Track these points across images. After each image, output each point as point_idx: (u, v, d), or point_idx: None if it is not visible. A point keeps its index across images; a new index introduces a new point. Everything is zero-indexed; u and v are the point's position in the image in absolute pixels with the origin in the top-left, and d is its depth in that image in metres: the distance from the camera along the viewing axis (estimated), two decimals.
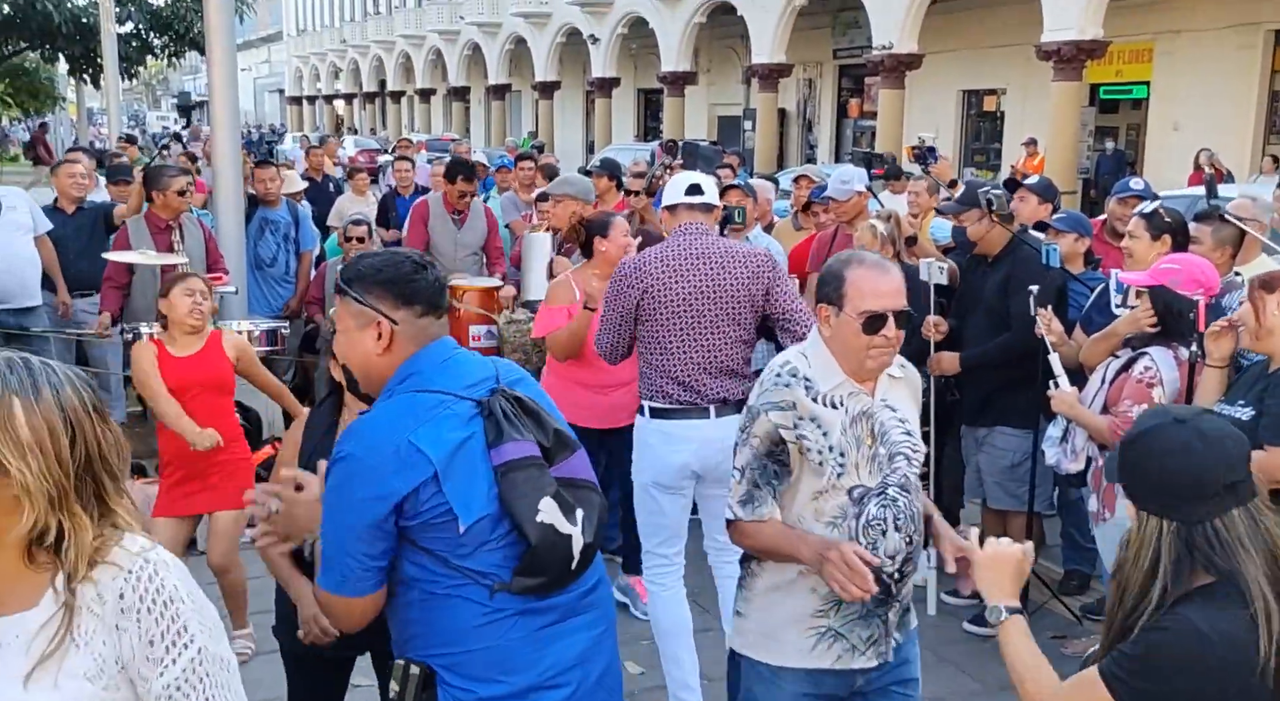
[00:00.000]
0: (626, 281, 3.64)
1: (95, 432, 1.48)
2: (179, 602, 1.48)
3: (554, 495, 2.04)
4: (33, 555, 1.47)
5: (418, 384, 2.08)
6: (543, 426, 2.10)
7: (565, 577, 2.09)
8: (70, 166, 6.99)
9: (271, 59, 65.13)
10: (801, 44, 25.48)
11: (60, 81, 27.81)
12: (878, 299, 2.37)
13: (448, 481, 1.99)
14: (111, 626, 1.46)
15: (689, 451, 3.62)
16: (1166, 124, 19.70)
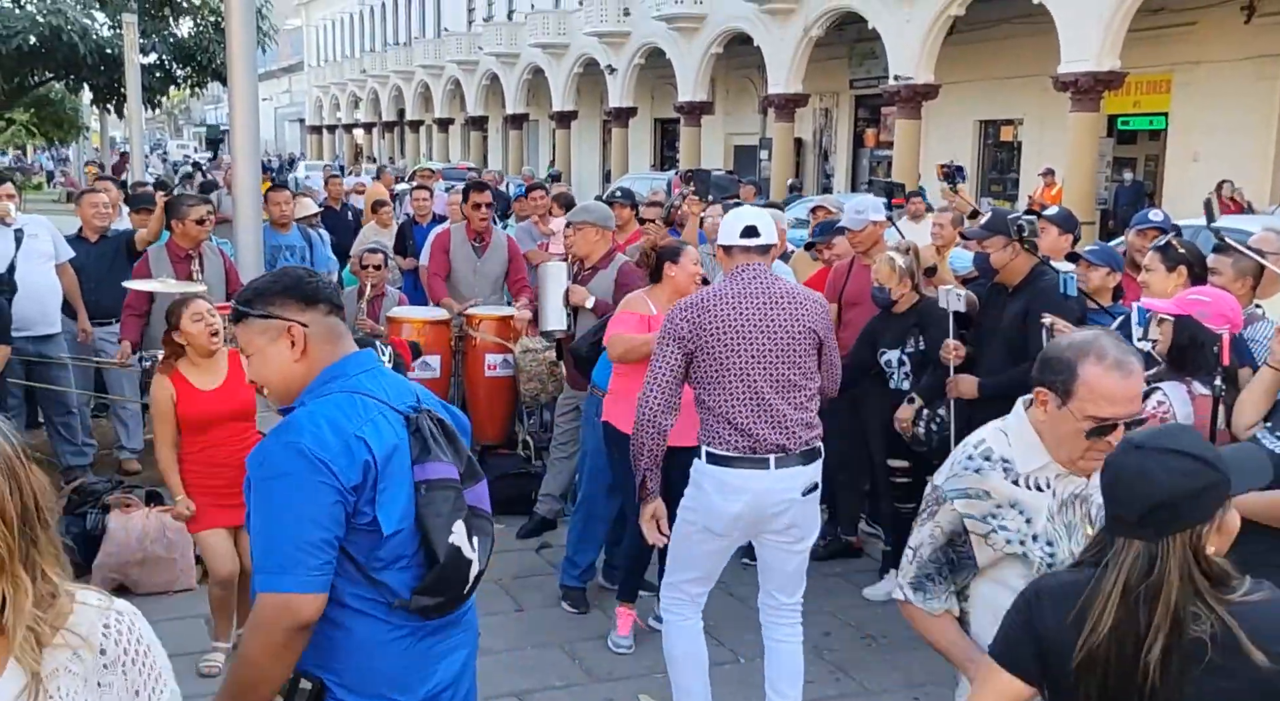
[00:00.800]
0: (682, 316, 3.51)
1: (31, 484, 1.39)
2: (154, 649, 1.48)
3: (466, 519, 2.10)
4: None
5: (347, 386, 2.10)
6: (458, 452, 2.15)
7: (458, 600, 2.15)
8: (93, 196, 7.05)
9: (292, 89, 65.87)
10: (818, 74, 25.59)
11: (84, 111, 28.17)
12: (1113, 406, 2.10)
13: (382, 483, 2.03)
14: (94, 683, 1.42)
15: (743, 502, 3.48)
16: (1185, 155, 19.65)
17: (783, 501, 3.50)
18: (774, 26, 24.92)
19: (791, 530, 3.58)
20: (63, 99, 25.37)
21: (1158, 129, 21.01)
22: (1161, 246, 4.11)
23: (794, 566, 3.68)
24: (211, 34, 20.28)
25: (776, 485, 3.47)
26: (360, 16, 53.80)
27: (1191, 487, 1.77)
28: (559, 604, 4.98)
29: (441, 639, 2.18)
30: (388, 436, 2.06)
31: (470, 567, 2.11)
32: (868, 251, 5.37)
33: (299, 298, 2.14)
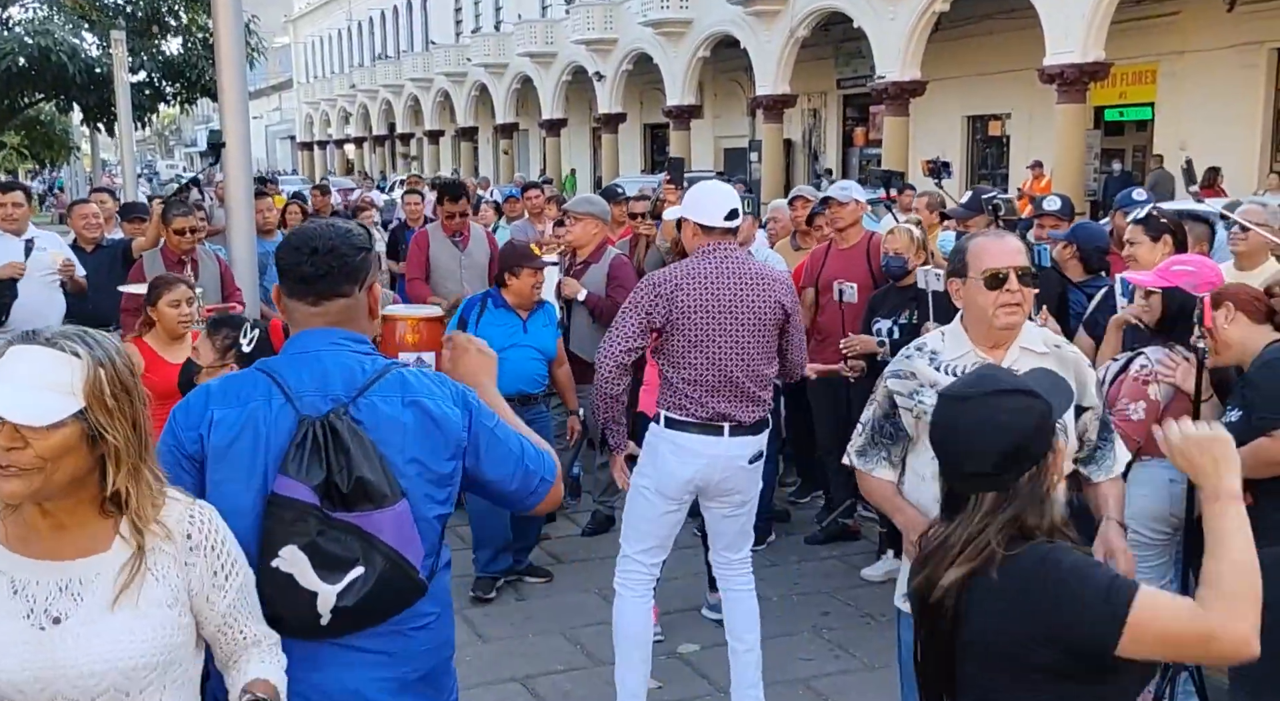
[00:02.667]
0: (654, 291, 3.63)
1: (142, 395, 1.69)
2: (228, 540, 1.79)
3: (306, 545, 1.89)
4: (103, 507, 1.68)
5: (268, 363, 2.07)
6: (349, 467, 1.90)
7: (312, 630, 1.94)
8: (83, 207, 7.09)
9: (282, 106, 65.93)
10: (805, 75, 25.67)
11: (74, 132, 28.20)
12: (996, 258, 2.59)
13: (212, 473, 1.96)
14: (182, 562, 1.73)
15: (696, 466, 3.67)
16: (1172, 144, 19.70)
17: (731, 468, 3.69)
18: (760, 28, 25.01)
19: (735, 495, 3.77)
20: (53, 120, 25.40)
21: (1144, 120, 21.09)
22: (1142, 219, 4.17)
23: (738, 528, 3.88)
24: (200, 51, 20.29)
25: (728, 452, 3.67)
26: (348, 32, 53.90)
27: (1032, 423, 1.80)
28: (560, 592, 5.02)
29: (318, 649, 1.97)
30: (243, 424, 1.95)
31: (316, 599, 1.89)
32: (844, 230, 5.43)
33: (282, 278, 2.09)
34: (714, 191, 3.78)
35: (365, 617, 1.96)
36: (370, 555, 1.92)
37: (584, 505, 6.09)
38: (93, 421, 1.59)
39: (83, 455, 1.60)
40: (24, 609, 1.64)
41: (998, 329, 2.61)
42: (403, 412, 2.00)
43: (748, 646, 3.84)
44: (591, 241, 5.65)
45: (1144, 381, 3.54)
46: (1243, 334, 3.21)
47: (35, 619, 1.63)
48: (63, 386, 1.58)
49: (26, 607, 1.64)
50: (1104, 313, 4.26)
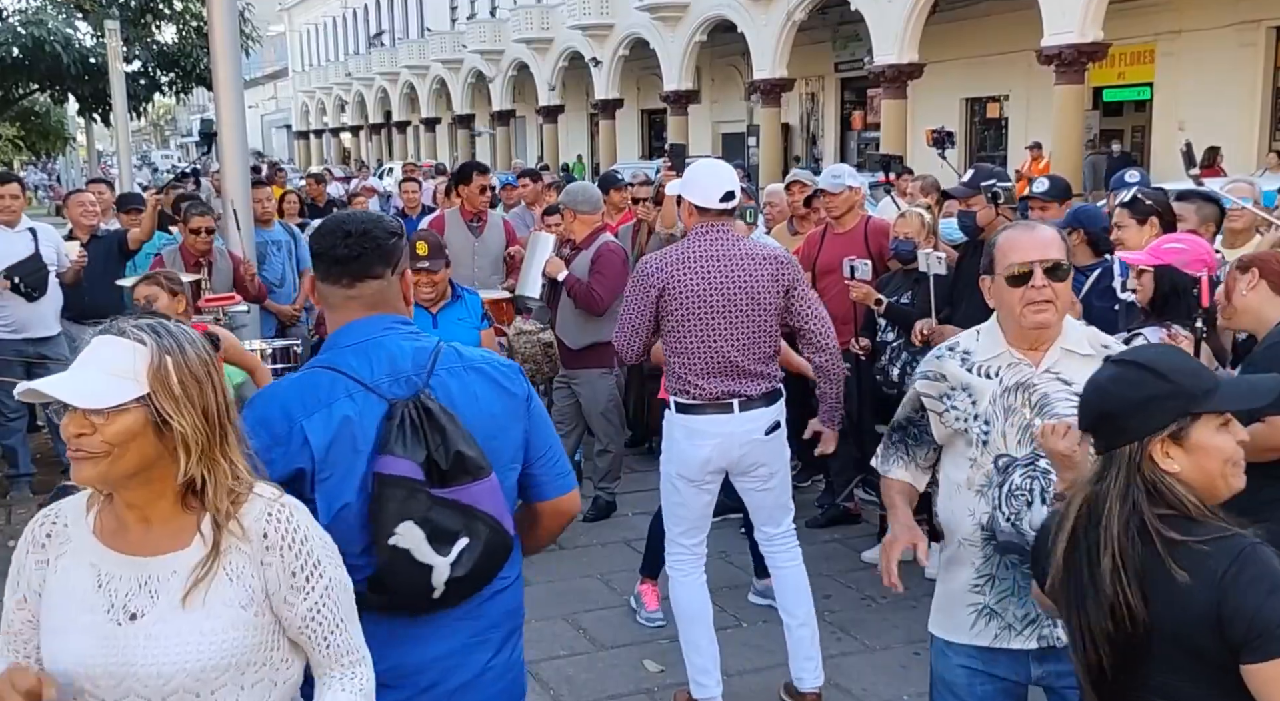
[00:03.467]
0: (647, 278, 3.64)
1: (220, 386, 1.69)
2: (311, 540, 1.72)
3: (420, 521, 1.93)
4: (185, 501, 1.68)
5: (328, 360, 2.05)
6: (445, 444, 1.96)
7: (423, 604, 1.99)
8: (80, 195, 7.10)
9: (278, 95, 65.74)
10: (802, 58, 25.60)
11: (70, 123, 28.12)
12: (1022, 252, 2.40)
13: (320, 475, 1.95)
14: (258, 561, 1.69)
15: (711, 446, 3.67)
16: (1171, 124, 19.69)
17: (748, 442, 3.68)
18: (757, 12, 24.92)
19: (760, 468, 3.76)
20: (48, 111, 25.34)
21: (1143, 99, 21.05)
22: (1128, 201, 4.16)
23: (772, 501, 3.87)
24: (194, 39, 20.26)
25: (740, 428, 3.66)
26: (343, 19, 53.70)
27: (1135, 398, 1.78)
28: (563, 578, 5.04)
29: (404, 624, 2.03)
30: (338, 426, 1.96)
31: (431, 573, 1.95)
32: (841, 217, 5.43)
33: (316, 262, 2.11)
34: (712, 172, 3.72)
35: (471, 585, 2.03)
36: (473, 526, 1.99)
37: (585, 491, 6.10)
38: (157, 407, 1.60)
39: (149, 441, 1.61)
40: (106, 603, 1.65)
41: (1027, 329, 2.41)
42: (470, 384, 2.08)
43: (800, 620, 3.85)
44: (576, 232, 5.69)
45: None
46: (1260, 302, 3.18)
47: (114, 613, 1.64)
48: (125, 372, 1.59)
49: (108, 602, 1.65)
50: (1096, 296, 4.25)
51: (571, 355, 5.72)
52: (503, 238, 6.75)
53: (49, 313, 6.32)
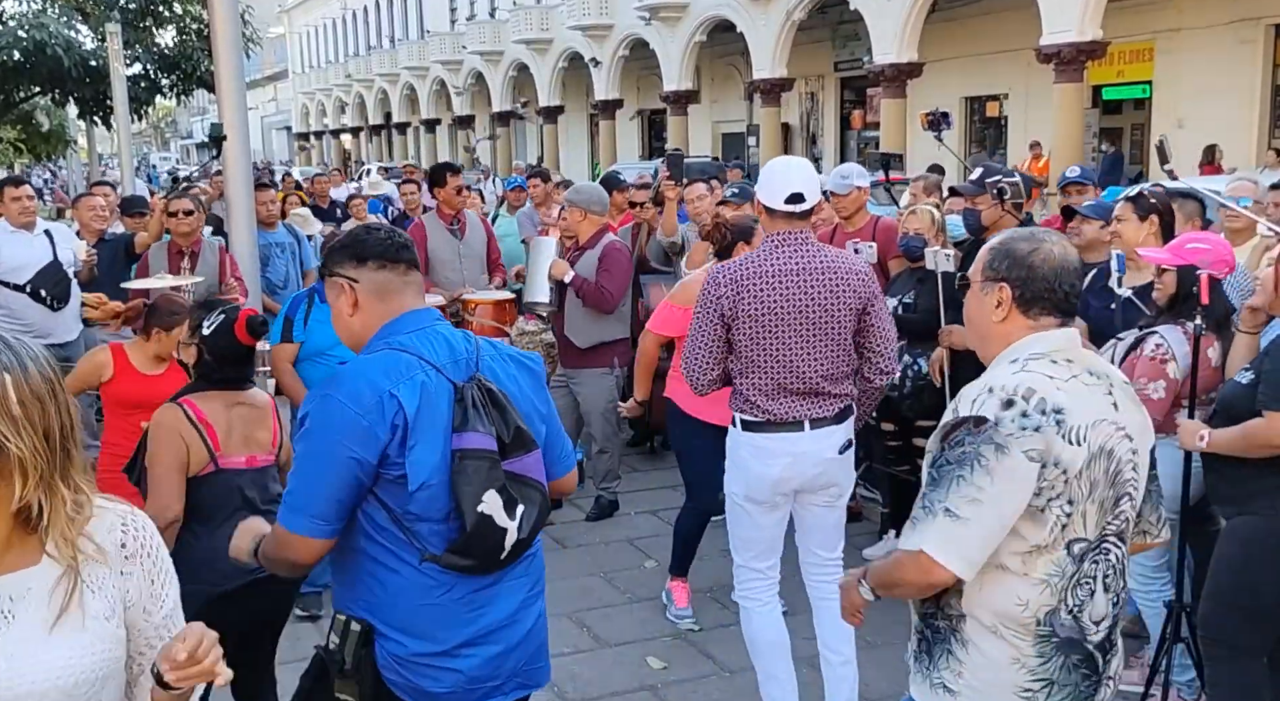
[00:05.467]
0: (719, 290, 3.36)
1: (66, 405, 1.57)
2: (162, 550, 1.69)
3: (499, 489, 2.15)
4: (25, 522, 1.56)
5: (395, 343, 2.21)
6: (506, 420, 2.19)
7: (493, 565, 2.21)
8: (89, 199, 7.12)
9: (278, 97, 65.76)
10: (802, 58, 25.62)
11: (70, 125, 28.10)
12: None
13: (412, 438, 2.11)
14: (118, 572, 1.62)
15: (782, 465, 3.43)
16: (1170, 122, 19.69)
17: (822, 461, 3.47)
18: (756, 12, 24.95)
19: (831, 489, 3.56)
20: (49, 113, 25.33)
21: (1142, 98, 21.07)
22: (1132, 196, 4.18)
23: (833, 522, 3.66)
24: (195, 42, 20.26)
25: (813, 446, 3.43)
26: (343, 21, 53.72)
27: None
28: (567, 576, 5.07)
29: (487, 584, 2.24)
30: (421, 395, 2.13)
31: (505, 535, 2.17)
32: (850, 217, 5.45)
33: (350, 256, 2.27)
34: (781, 170, 3.48)
35: (526, 546, 2.26)
36: (528, 493, 2.21)
37: (587, 491, 6.13)
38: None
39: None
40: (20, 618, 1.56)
41: None
42: (508, 366, 2.32)
43: (844, 658, 3.60)
44: (581, 230, 5.68)
45: (1162, 361, 3.56)
46: None
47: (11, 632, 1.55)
48: None
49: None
50: (1093, 295, 4.27)
51: (578, 354, 5.73)
52: (484, 236, 6.81)
53: (70, 318, 6.37)
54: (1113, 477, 2.03)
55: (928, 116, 6.36)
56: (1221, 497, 3.35)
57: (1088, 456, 1.99)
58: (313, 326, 4.64)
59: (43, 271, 6.15)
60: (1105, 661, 2.10)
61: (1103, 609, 2.07)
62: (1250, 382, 3.13)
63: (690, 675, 4.17)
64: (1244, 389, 3.15)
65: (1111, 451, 2.03)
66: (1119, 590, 2.11)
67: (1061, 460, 1.97)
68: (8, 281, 6.15)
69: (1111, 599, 2.09)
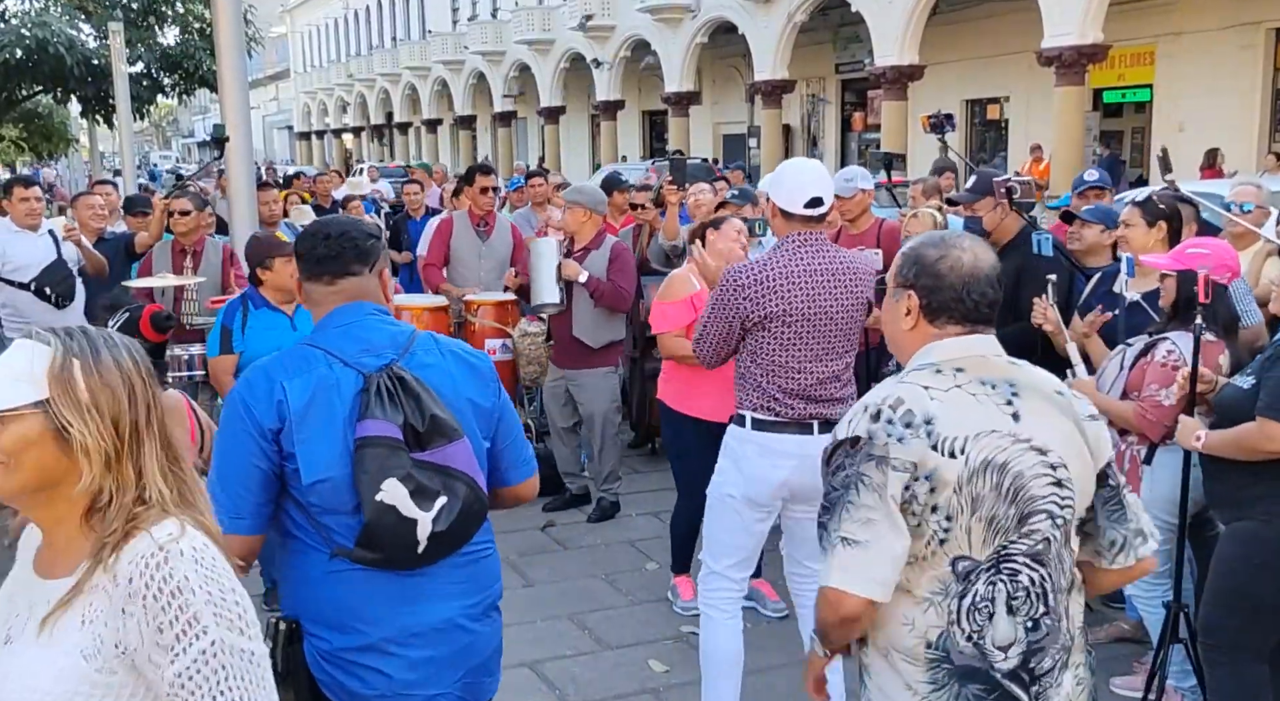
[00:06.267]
0: (743, 290, 3.34)
1: (144, 398, 1.52)
2: (188, 593, 1.44)
3: (403, 477, 2.08)
4: (90, 519, 1.50)
5: (311, 338, 2.26)
6: (420, 408, 2.14)
7: (409, 559, 2.14)
8: (88, 199, 7.12)
9: (280, 97, 65.77)
10: (803, 60, 25.63)
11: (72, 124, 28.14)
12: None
13: (298, 433, 2.11)
14: (118, 609, 1.45)
15: (789, 468, 3.39)
16: (1171, 126, 19.71)
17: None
18: (758, 13, 24.96)
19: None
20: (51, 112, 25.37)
21: (1143, 101, 21.08)
22: (1141, 201, 4.17)
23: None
24: (197, 41, 20.29)
25: (819, 449, 3.39)
26: (345, 21, 53.74)
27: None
28: (568, 578, 5.07)
29: (414, 577, 2.17)
30: (315, 388, 2.13)
31: (415, 526, 2.09)
32: (855, 219, 5.45)
33: (300, 263, 2.34)
34: (797, 172, 3.45)
35: (452, 542, 2.18)
36: (451, 485, 2.15)
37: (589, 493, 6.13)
38: (57, 414, 1.44)
39: (49, 452, 1.45)
40: (2, 620, 1.53)
41: None
42: (444, 360, 2.28)
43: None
44: (583, 229, 5.68)
45: (1173, 367, 3.55)
46: None
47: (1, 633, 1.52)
48: (20, 375, 1.45)
49: (4, 620, 1.53)
50: (1097, 297, 4.28)
51: (585, 355, 5.71)
52: (510, 241, 6.77)
53: (76, 316, 6.36)
54: (1010, 493, 1.90)
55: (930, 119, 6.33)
56: (1220, 502, 3.36)
57: (966, 469, 1.88)
58: (250, 335, 4.53)
59: (47, 269, 6.16)
60: (1033, 695, 1.93)
61: (1008, 633, 1.92)
62: (1251, 387, 3.14)
63: (692, 678, 4.14)
64: (1244, 393, 3.15)
65: (1004, 465, 1.90)
66: (1035, 614, 1.93)
67: (934, 473, 1.87)
68: (12, 280, 6.16)
69: (1023, 623, 1.92)
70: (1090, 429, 2.02)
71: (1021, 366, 2.04)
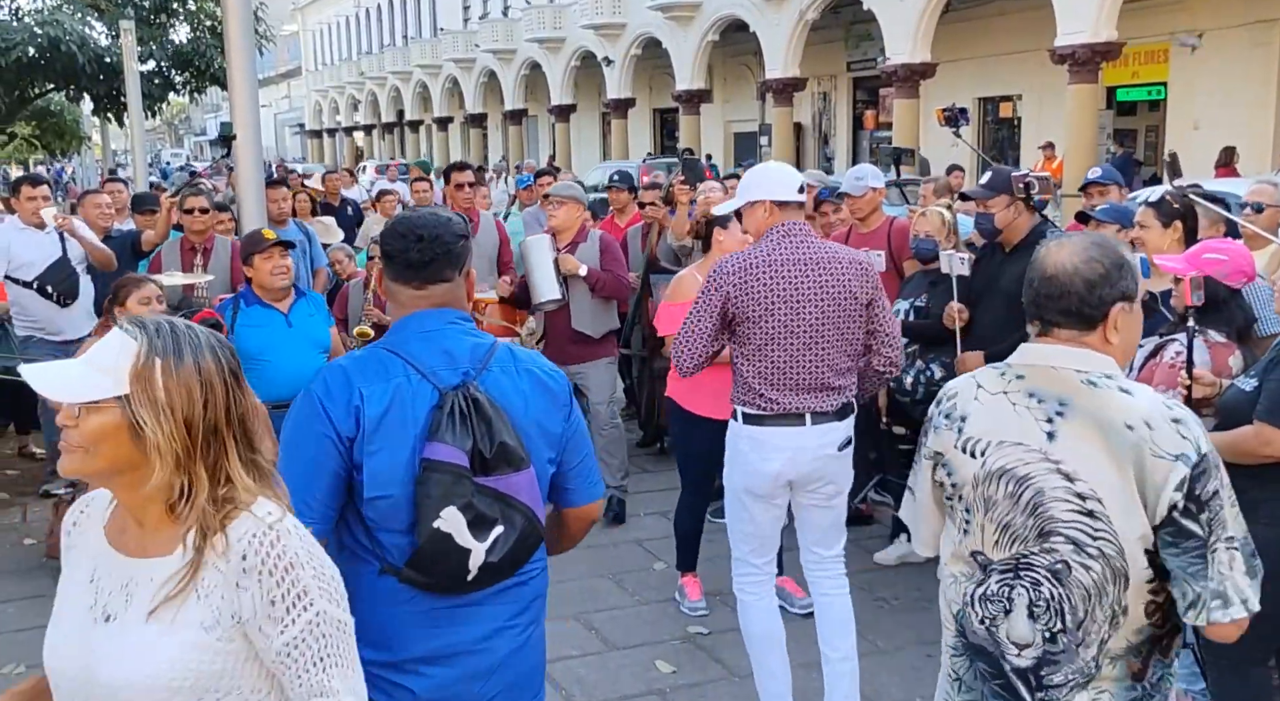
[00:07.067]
0: (728, 277, 3.39)
1: (228, 398, 1.57)
2: (299, 568, 1.55)
3: (464, 506, 2.03)
4: (174, 507, 1.57)
5: (391, 343, 2.17)
6: (491, 433, 2.07)
7: (459, 586, 2.09)
8: (95, 197, 7.12)
9: (291, 94, 65.94)
10: (815, 57, 25.57)
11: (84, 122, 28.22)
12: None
13: (369, 445, 2.05)
14: (233, 584, 1.54)
15: (782, 460, 3.46)
16: (1185, 124, 19.60)
17: (820, 457, 3.48)
18: (769, 11, 24.90)
19: (827, 486, 3.57)
20: (63, 110, 25.45)
21: (1157, 99, 20.96)
22: (1155, 202, 4.13)
23: (830, 520, 3.66)
24: (208, 39, 20.31)
25: (812, 441, 3.44)
26: (356, 19, 53.84)
27: None
28: (575, 578, 5.05)
29: (460, 603, 2.13)
30: (393, 397, 2.06)
31: (468, 556, 2.05)
32: (866, 218, 5.42)
33: (386, 263, 2.23)
34: (781, 167, 3.58)
35: (502, 572, 2.12)
36: (510, 515, 2.08)
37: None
38: (133, 411, 1.50)
39: (124, 444, 1.51)
40: (91, 598, 1.59)
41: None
42: (519, 380, 2.19)
43: (843, 655, 3.60)
44: (573, 224, 5.71)
45: (1179, 368, 3.52)
46: None
47: (95, 611, 1.58)
48: (107, 368, 1.51)
49: (92, 597, 1.59)
50: None
51: (587, 347, 5.73)
52: (496, 237, 6.80)
53: (80, 315, 6.38)
54: (1029, 506, 1.94)
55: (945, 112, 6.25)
56: None
57: (981, 472, 1.97)
58: (240, 331, 4.44)
59: (51, 268, 6.17)
60: (1034, 692, 1.99)
61: (1025, 634, 1.97)
62: (1253, 390, 3.10)
63: (699, 679, 4.14)
64: (1245, 396, 3.11)
65: (1025, 477, 1.93)
66: (1054, 628, 1.94)
67: (953, 467, 2.03)
68: (17, 277, 6.18)
69: (1042, 631, 1.95)
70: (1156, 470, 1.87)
71: (1099, 389, 1.93)
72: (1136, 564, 1.90)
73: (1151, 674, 1.99)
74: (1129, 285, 1.97)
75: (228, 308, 4.57)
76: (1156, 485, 1.87)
